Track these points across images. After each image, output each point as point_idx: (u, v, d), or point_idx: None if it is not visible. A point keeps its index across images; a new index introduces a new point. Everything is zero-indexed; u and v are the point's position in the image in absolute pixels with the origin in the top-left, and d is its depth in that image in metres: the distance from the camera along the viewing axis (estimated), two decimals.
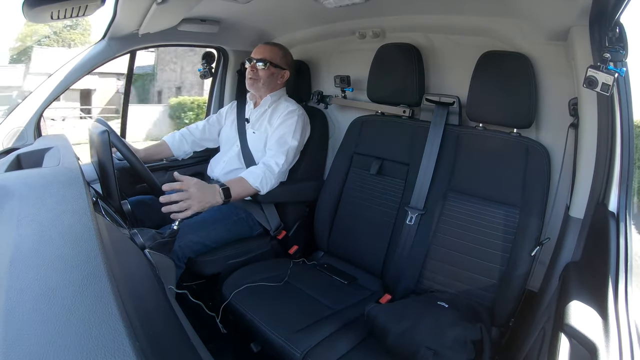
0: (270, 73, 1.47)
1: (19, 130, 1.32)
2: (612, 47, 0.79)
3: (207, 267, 1.30)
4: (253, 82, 1.47)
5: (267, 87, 1.49)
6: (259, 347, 1.13)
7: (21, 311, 0.37)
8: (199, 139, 1.60)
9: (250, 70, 1.46)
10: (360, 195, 1.42)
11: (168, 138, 1.57)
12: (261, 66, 1.44)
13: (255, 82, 1.46)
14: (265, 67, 1.45)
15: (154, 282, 0.69)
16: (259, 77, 1.46)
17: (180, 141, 1.57)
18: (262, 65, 1.44)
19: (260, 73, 1.45)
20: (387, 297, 1.24)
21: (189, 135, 1.59)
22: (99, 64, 1.44)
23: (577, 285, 0.78)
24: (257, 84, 1.47)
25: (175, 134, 1.59)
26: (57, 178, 0.68)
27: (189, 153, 1.61)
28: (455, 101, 1.28)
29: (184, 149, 1.58)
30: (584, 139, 0.97)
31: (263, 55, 1.45)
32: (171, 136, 1.58)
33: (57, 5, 0.97)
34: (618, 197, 0.86)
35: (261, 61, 1.44)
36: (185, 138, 1.58)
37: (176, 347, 0.56)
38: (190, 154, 1.63)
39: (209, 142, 1.63)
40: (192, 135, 1.59)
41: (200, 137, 1.60)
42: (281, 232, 1.50)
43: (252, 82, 1.47)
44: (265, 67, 1.45)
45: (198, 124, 1.63)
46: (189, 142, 1.58)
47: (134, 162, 1.08)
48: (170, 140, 1.56)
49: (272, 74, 1.47)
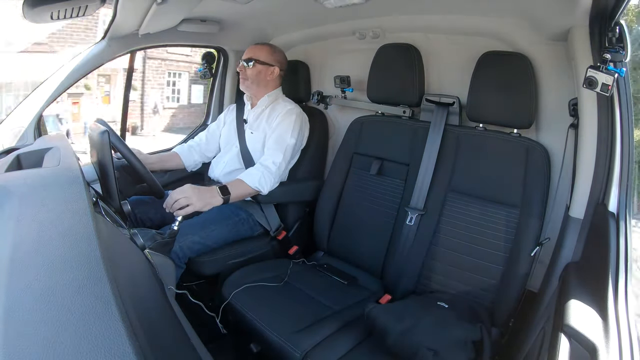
0: (257, 71, 1.48)
1: (19, 130, 1.32)
2: (612, 47, 0.79)
3: (207, 267, 1.30)
4: (242, 81, 1.50)
5: (257, 85, 1.50)
6: (259, 347, 1.13)
7: (21, 311, 0.37)
8: (205, 150, 1.63)
9: (240, 70, 1.49)
10: (360, 195, 1.42)
11: (179, 149, 1.60)
12: (247, 65, 1.47)
13: (244, 81, 1.49)
14: (252, 66, 1.47)
15: (154, 283, 0.69)
16: (247, 75, 1.48)
17: (190, 152, 1.60)
18: (248, 64, 1.47)
19: (248, 72, 1.48)
20: (387, 297, 1.24)
21: (196, 146, 1.62)
22: (99, 64, 1.44)
23: (577, 286, 0.78)
24: (246, 82, 1.49)
25: (184, 145, 1.62)
26: (57, 178, 0.68)
27: (199, 164, 1.63)
28: (455, 101, 1.28)
29: (194, 159, 1.60)
30: (584, 139, 0.97)
31: (249, 55, 1.48)
32: (181, 147, 1.61)
33: (57, 6, 0.97)
34: (618, 197, 0.86)
35: (247, 61, 1.47)
36: (194, 149, 1.61)
37: (176, 347, 0.56)
38: (200, 165, 1.64)
39: (213, 151, 1.64)
40: (198, 146, 1.62)
41: (206, 147, 1.63)
42: (281, 233, 1.50)
43: (242, 82, 1.50)
44: (251, 65, 1.47)
45: (201, 135, 1.65)
46: (198, 152, 1.61)
47: (134, 162, 1.08)
48: (181, 151, 1.59)
49: (259, 71, 1.48)
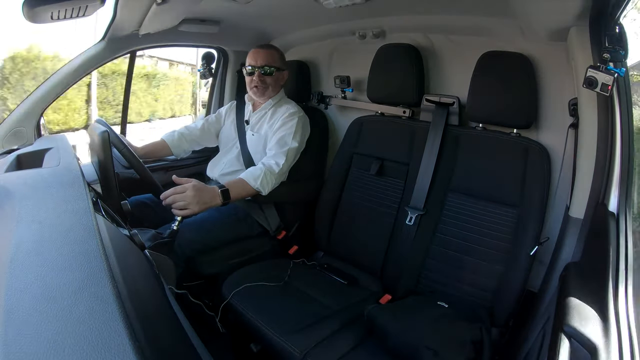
0: (276, 78, 1.46)
1: (19, 131, 1.32)
2: (612, 47, 0.79)
3: (207, 267, 1.30)
4: (262, 91, 1.45)
5: (273, 92, 1.48)
6: (259, 347, 1.13)
7: (21, 311, 0.37)
8: (198, 138, 1.59)
9: (257, 78, 1.43)
10: (360, 195, 1.42)
11: (167, 137, 1.55)
12: (267, 72, 1.43)
13: (264, 90, 1.45)
14: (272, 74, 1.44)
15: (154, 282, 0.69)
16: (267, 84, 1.45)
17: (180, 140, 1.55)
18: (268, 72, 1.43)
19: (268, 80, 1.44)
20: (387, 297, 1.24)
21: (188, 134, 1.58)
22: (99, 64, 1.44)
23: (577, 285, 0.78)
24: (267, 91, 1.46)
25: (174, 132, 1.58)
26: (57, 178, 0.69)
27: (188, 152, 1.60)
28: (455, 101, 1.28)
29: (183, 148, 1.56)
30: (584, 139, 0.97)
31: (267, 62, 1.43)
32: (170, 135, 1.56)
33: (57, 6, 0.97)
34: (618, 197, 0.86)
35: (266, 67, 1.43)
36: (185, 137, 1.56)
37: (176, 347, 0.56)
38: (189, 153, 1.62)
39: (207, 142, 1.62)
40: (191, 134, 1.58)
41: (200, 136, 1.59)
42: (281, 232, 1.50)
43: (259, 90, 1.45)
44: (271, 73, 1.44)
45: (197, 123, 1.62)
46: (188, 140, 1.57)
47: (134, 162, 1.08)
48: (170, 139, 1.54)
49: (277, 78, 1.47)
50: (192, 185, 1.10)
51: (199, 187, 1.11)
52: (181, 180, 1.11)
